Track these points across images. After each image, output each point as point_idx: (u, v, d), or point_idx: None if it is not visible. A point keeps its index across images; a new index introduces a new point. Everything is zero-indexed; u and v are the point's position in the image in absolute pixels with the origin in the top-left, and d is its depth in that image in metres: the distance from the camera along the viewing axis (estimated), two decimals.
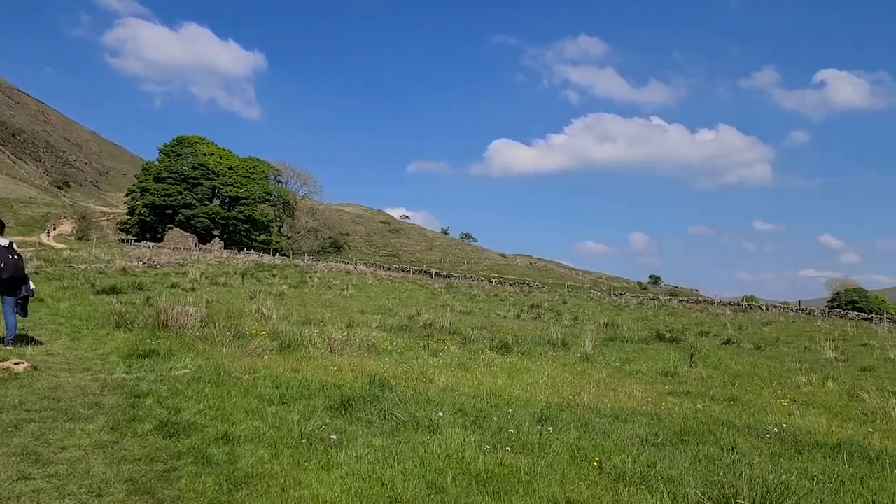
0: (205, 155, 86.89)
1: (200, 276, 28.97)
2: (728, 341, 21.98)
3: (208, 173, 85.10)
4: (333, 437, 5.79)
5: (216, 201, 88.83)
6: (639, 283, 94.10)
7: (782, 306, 58.16)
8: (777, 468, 5.95)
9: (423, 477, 5.02)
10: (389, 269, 70.37)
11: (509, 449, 5.92)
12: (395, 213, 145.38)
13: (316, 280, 37.46)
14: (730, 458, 6.25)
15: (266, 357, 9.95)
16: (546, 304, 38.57)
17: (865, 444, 7.29)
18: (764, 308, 55.04)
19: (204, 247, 72.48)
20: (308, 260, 65.75)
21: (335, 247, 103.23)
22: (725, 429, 7.63)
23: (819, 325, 37.92)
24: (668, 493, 5.09)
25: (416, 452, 5.62)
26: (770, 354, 18.69)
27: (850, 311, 56.25)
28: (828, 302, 69.52)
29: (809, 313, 53.59)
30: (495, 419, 7.03)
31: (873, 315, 51.64)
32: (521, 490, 4.91)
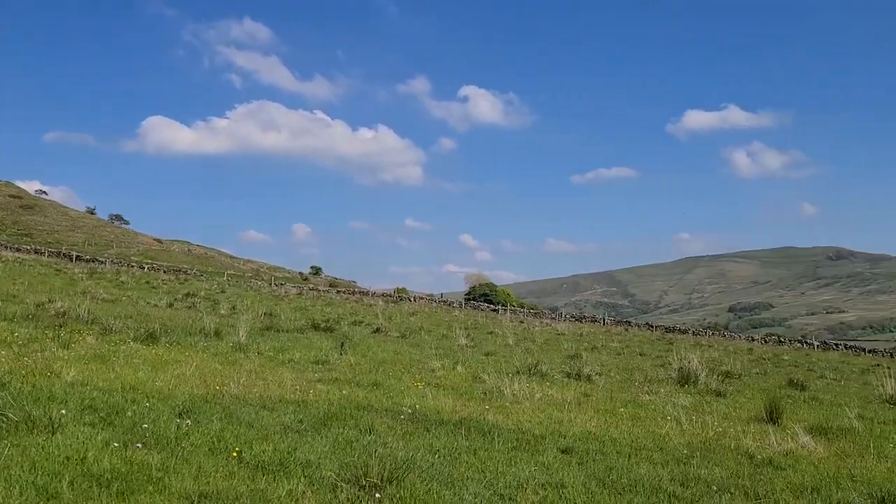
0: None
1: None
2: (378, 330, 23.36)
3: None
4: None
5: None
6: (300, 274, 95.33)
7: (428, 298, 63.69)
8: (407, 445, 6.49)
9: (34, 483, 4.44)
10: (19, 249, 61.20)
11: (141, 445, 5.53)
12: (29, 186, 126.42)
13: None
14: (367, 440, 6.65)
15: None
16: (203, 293, 36.97)
17: (481, 419, 8.34)
18: (412, 299, 59.73)
19: None
20: None
21: None
22: (366, 413, 8.08)
23: (457, 315, 42.36)
24: (305, 476, 5.22)
25: (28, 456, 4.96)
26: (413, 342, 20.29)
27: (483, 303, 63.84)
28: (465, 294, 78.01)
29: (450, 304, 59.60)
30: (129, 414, 6.53)
31: (499, 307, 59.29)
32: (150, 488, 4.62)
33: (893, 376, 19.58)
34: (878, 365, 33.11)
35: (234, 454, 5.58)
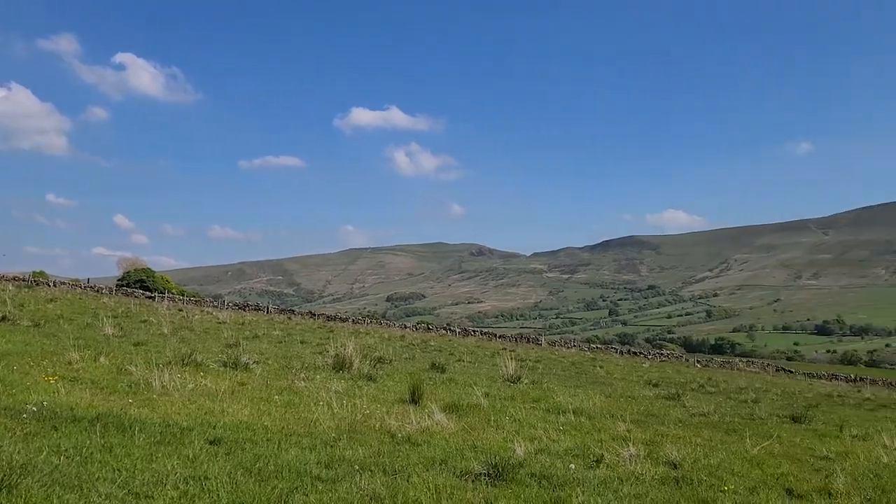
0: None
1: None
2: (4, 318, 20.26)
3: None
4: None
5: None
6: None
7: (72, 283, 56.98)
8: (28, 447, 5.74)
9: None
10: None
11: None
12: None
13: None
14: None
15: None
16: None
17: (123, 414, 7.71)
18: (52, 284, 52.91)
19: None
20: None
21: None
22: None
23: (106, 303, 38.55)
24: None
25: None
26: (49, 332, 17.99)
27: (137, 290, 59.03)
28: (118, 280, 71.36)
29: (98, 291, 54.02)
30: None
31: (157, 294, 55.46)
32: None
33: (514, 358, 22.73)
34: (505, 349, 38.16)
35: None
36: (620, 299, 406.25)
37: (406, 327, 58.70)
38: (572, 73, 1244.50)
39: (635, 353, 60.53)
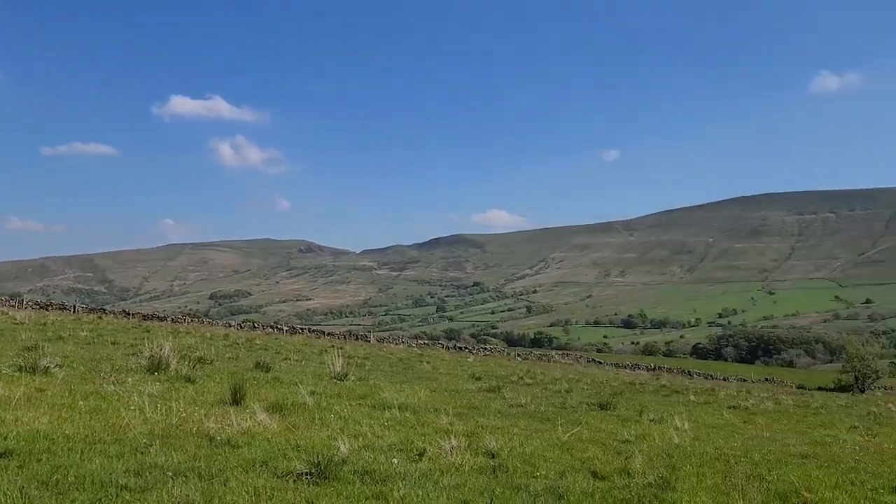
0: None
1: None
2: None
3: None
4: None
5: None
6: None
7: None
8: None
9: None
10: None
11: None
12: None
13: None
14: None
15: None
16: None
17: None
18: None
19: None
20: None
21: None
22: None
23: None
24: None
25: None
26: None
27: None
28: None
29: None
30: None
31: None
32: None
33: (342, 356, 22.64)
34: (333, 346, 37.87)
35: None
36: (447, 296, 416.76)
37: (230, 326, 56.46)
38: (400, 71, 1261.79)
39: (461, 347, 62.38)
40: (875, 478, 9.32)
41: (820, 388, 56.37)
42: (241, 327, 55.61)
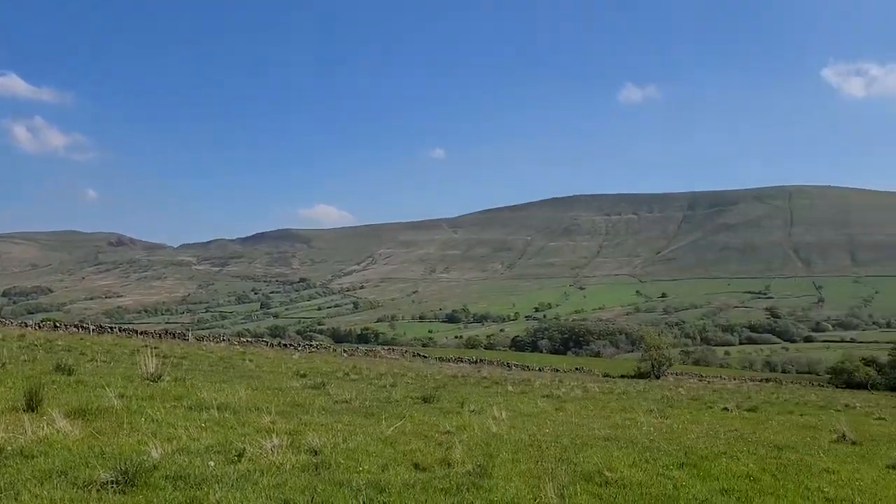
0: None
1: None
2: None
3: None
4: None
5: None
6: None
7: None
8: None
9: None
10: None
11: None
12: None
13: None
14: None
15: None
16: None
17: None
18: None
19: None
20: None
21: None
22: None
23: None
24: None
25: None
26: None
27: None
28: None
29: None
30: None
31: None
32: None
33: (157, 356, 21.37)
34: (147, 346, 35.62)
35: None
36: (273, 292, 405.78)
37: (27, 325, 51.24)
38: (219, 58, 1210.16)
39: (286, 345, 61.07)
40: (666, 455, 10.34)
41: (623, 376, 61.38)
42: (39, 327, 50.66)
